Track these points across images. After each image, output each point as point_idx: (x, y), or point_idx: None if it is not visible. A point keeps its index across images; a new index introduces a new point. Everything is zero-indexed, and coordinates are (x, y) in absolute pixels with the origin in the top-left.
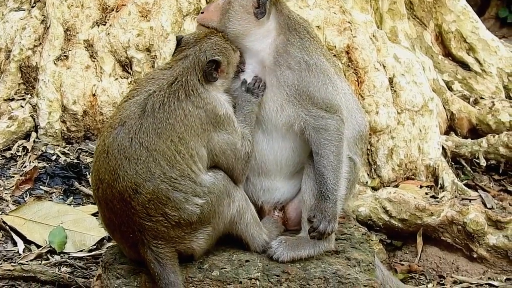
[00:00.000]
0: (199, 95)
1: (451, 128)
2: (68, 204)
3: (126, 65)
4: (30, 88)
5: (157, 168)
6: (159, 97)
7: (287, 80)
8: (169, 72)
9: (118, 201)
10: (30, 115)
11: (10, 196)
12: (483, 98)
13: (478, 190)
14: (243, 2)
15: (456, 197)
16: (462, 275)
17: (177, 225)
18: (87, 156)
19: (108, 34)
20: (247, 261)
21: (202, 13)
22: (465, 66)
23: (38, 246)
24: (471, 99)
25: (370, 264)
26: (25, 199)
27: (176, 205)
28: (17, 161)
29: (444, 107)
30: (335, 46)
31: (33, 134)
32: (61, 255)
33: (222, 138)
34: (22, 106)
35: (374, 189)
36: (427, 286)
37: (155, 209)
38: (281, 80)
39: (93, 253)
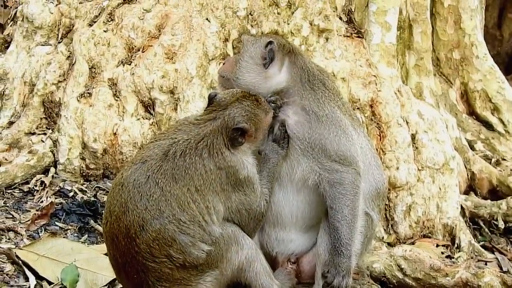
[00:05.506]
0: (223, 157)
1: (471, 188)
2: (82, 242)
3: (148, 106)
4: (52, 123)
5: (167, 208)
6: (182, 147)
7: (297, 133)
8: (197, 130)
9: (124, 237)
10: (50, 150)
11: (25, 231)
12: (505, 160)
13: (495, 253)
14: (252, 54)
15: (472, 258)
16: None
17: (182, 267)
18: (104, 194)
19: (133, 74)
20: None
21: (224, 64)
22: (489, 126)
23: (49, 283)
24: (493, 160)
25: None
26: (40, 234)
27: (182, 248)
28: (34, 196)
29: (465, 166)
30: (359, 99)
31: (52, 170)
32: None
33: (239, 198)
34: (42, 141)
35: (390, 245)
36: None
37: (159, 249)
38: (292, 134)
39: None
